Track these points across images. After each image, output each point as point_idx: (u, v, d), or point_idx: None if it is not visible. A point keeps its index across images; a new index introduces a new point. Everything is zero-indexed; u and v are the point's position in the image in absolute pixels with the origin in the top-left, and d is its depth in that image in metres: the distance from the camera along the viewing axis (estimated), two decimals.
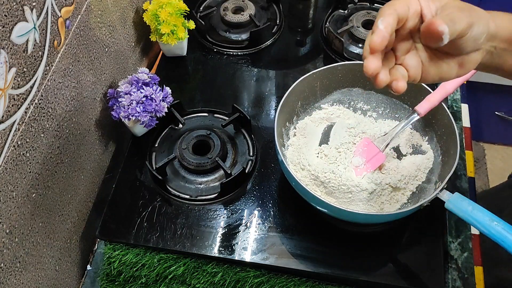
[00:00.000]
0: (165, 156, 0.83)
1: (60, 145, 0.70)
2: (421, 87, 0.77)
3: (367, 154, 0.77)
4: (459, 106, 0.96)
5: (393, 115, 0.85)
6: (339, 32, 0.98)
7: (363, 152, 0.77)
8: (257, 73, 0.97)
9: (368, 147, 0.77)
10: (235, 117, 0.86)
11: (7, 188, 0.58)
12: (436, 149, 0.78)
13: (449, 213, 0.70)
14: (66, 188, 0.74)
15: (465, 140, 0.93)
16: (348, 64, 0.83)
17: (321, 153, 0.80)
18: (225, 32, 1.03)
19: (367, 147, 0.78)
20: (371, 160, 0.76)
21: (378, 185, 0.75)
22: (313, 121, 0.84)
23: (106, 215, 0.78)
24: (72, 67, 0.71)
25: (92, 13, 0.75)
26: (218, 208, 0.79)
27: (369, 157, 0.77)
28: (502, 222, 0.60)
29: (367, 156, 0.77)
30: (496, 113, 1.73)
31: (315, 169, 0.76)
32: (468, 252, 0.78)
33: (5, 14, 0.53)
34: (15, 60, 0.56)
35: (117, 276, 0.76)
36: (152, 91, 0.82)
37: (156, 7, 0.89)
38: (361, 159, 0.77)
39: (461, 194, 0.64)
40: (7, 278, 0.60)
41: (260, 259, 0.73)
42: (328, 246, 0.75)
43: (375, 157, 0.76)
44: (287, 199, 0.79)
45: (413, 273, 0.72)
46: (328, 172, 0.75)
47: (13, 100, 0.57)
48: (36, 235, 0.66)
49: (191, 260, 0.75)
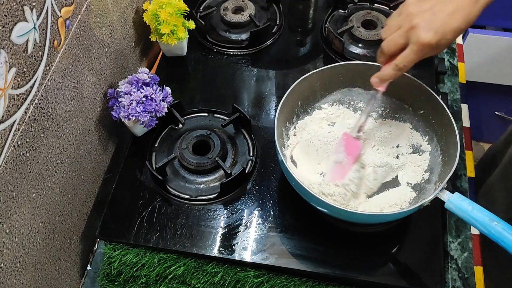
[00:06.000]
0: (165, 156, 0.83)
1: (60, 145, 0.70)
2: (421, 87, 0.77)
3: (346, 147, 0.77)
4: (459, 106, 0.96)
5: (393, 115, 0.85)
6: (339, 32, 0.98)
7: (343, 147, 0.78)
8: (257, 73, 0.97)
9: (346, 141, 0.78)
10: (235, 117, 0.86)
11: (7, 188, 0.58)
12: (436, 149, 0.78)
13: (449, 213, 0.70)
14: (66, 188, 0.74)
15: (465, 140, 0.93)
16: (348, 64, 0.83)
17: (325, 173, 0.79)
18: (225, 32, 1.03)
19: (345, 141, 0.78)
20: (351, 152, 0.76)
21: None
22: (313, 121, 0.84)
23: (106, 215, 0.78)
24: (72, 67, 0.71)
25: (92, 13, 0.75)
26: (218, 208, 0.79)
27: (348, 149, 0.77)
28: (502, 222, 0.60)
29: (346, 149, 0.77)
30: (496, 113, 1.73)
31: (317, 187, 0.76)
32: (468, 252, 0.78)
33: (5, 14, 0.53)
34: (15, 60, 0.56)
35: (117, 276, 0.76)
36: (152, 91, 0.82)
37: (156, 7, 0.89)
38: (341, 154, 0.77)
39: (461, 194, 0.64)
40: (7, 278, 0.60)
41: (260, 259, 0.73)
42: (328, 246, 0.75)
43: (352, 148, 0.76)
44: (287, 199, 0.79)
45: (413, 273, 0.72)
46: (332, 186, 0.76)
47: (13, 100, 0.57)
48: (36, 235, 0.66)
49: (191, 260, 0.75)
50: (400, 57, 0.65)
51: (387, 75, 0.68)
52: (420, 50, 0.63)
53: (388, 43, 0.66)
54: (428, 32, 0.61)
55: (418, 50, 0.63)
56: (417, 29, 0.62)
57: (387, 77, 0.69)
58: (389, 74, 0.68)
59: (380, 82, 0.70)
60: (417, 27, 0.62)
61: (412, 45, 0.63)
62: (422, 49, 0.63)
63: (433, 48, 0.63)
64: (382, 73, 0.69)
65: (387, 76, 0.69)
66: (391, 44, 0.66)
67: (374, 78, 0.71)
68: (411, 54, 0.64)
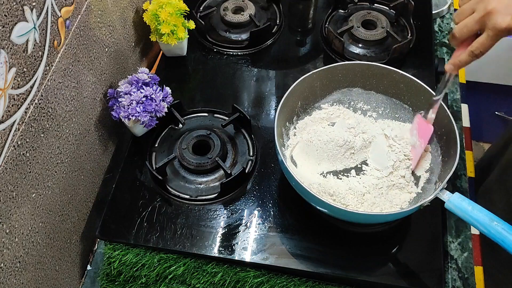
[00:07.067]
0: (165, 156, 0.83)
1: (60, 145, 0.70)
2: (421, 87, 0.78)
3: (419, 130, 0.77)
4: (459, 106, 0.96)
5: (393, 115, 0.85)
6: (339, 32, 0.98)
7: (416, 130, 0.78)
8: (257, 73, 0.97)
9: (419, 124, 0.78)
10: (235, 117, 0.86)
11: (7, 188, 0.58)
12: (436, 149, 0.78)
13: (449, 213, 0.70)
14: (66, 188, 0.74)
15: (465, 140, 0.93)
16: (348, 64, 0.83)
17: (325, 173, 0.80)
18: (225, 32, 1.03)
19: (418, 124, 0.78)
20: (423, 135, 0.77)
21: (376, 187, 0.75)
22: (313, 121, 0.84)
23: (106, 215, 0.78)
24: (72, 67, 0.71)
25: (92, 13, 0.75)
26: (218, 208, 0.79)
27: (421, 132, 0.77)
28: (502, 222, 0.60)
29: (419, 132, 0.77)
30: (496, 113, 1.73)
31: (318, 187, 0.76)
32: (468, 252, 0.78)
33: (5, 14, 0.53)
34: (15, 60, 0.56)
35: (117, 276, 0.76)
36: (152, 91, 0.82)
37: (156, 7, 0.89)
38: (415, 137, 0.77)
39: (461, 194, 0.64)
40: (7, 278, 0.60)
41: (260, 259, 0.73)
42: (328, 246, 0.75)
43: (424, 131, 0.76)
44: (287, 199, 0.79)
45: (413, 273, 0.72)
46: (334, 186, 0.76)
47: (13, 100, 0.57)
48: (36, 235, 0.66)
49: (191, 260, 0.75)
50: (476, 44, 0.64)
51: (462, 61, 0.67)
52: (497, 35, 0.62)
53: (461, 29, 0.65)
54: (505, 17, 0.60)
55: (495, 35, 0.62)
56: (494, 14, 0.60)
57: (463, 64, 0.68)
58: (464, 60, 0.67)
59: (455, 68, 0.70)
60: (494, 12, 0.60)
61: (488, 31, 0.62)
62: (500, 34, 0.61)
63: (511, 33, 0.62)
64: (457, 60, 0.68)
65: (463, 63, 0.68)
66: (464, 30, 0.65)
67: (449, 65, 0.69)
68: (488, 41, 0.62)
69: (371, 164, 0.79)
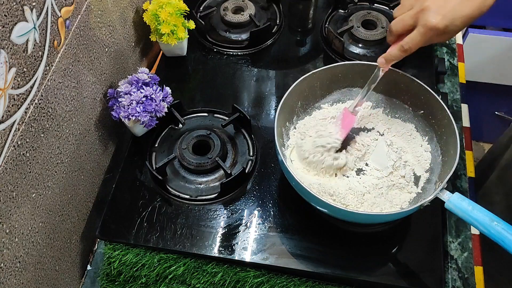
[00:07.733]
0: (165, 156, 0.83)
1: (60, 145, 0.70)
2: (421, 87, 0.78)
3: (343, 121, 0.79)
4: (459, 106, 0.96)
5: (393, 115, 0.85)
6: (339, 32, 0.98)
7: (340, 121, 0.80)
8: (257, 73, 0.97)
9: (344, 115, 0.79)
10: (235, 117, 0.86)
11: (7, 188, 0.58)
12: (436, 149, 0.78)
13: (449, 213, 0.70)
14: (66, 188, 0.74)
15: (465, 140, 0.93)
16: (348, 64, 0.83)
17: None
18: (225, 32, 1.03)
19: (343, 115, 0.79)
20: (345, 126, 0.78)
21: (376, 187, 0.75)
22: (313, 121, 0.84)
23: (106, 215, 0.78)
24: (72, 67, 0.71)
25: (92, 13, 0.75)
26: (218, 208, 0.79)
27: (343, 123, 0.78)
28: (502, 222, 0.60)
29: (342, 123, 0.79)
30: (496, 113, 1.73)
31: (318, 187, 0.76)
32: (468, 252, 0.78)
33: (5, 14, 0.53)
34: (15, 60, 0.56)
35: (117, 276, 0.76)
36: (152, 91, 0.82)
37: (156, 7, 0.89)
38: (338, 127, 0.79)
39: (461, 194, 0.64)
40: (7, 278, 0.60)
41: (260, 259, 0.73)
42: (328, 246, 0.75)
43: (348, 122, 0.78)
44: (287, 199, 0.79)
45: (413, 273, 0.72)
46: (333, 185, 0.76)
47: (13, 100, 0.57)
48: (36, 235, 0.66)
49: (191, 260, 0.75)
50: (406, 39, 0.65)
51: (392, 55, 0.69)
52: (426, 33, 0.63)
53: (396, 23, 0.66)
54: (436, 16, 0.61)
55: (424, 32, 0.63)
56: (426, 11, 0.62)
57: (393, 58, 0.69)
58: (394, 55, 0.68)
59: (386, 62, 0.71)
60: (427, 10, 0.62)
61: (419, 27, 0.63)
62: (428, 32, 0.62)
63: (440, 33, 0.62)
64: (388, 54, 0.70)
65: (393, 57, 0.69)
66: (399, 23, 0.66)
67: (381, 59, 0.71)
68: (417, 36, 0.63)
69: (371, 164, 0.79)
